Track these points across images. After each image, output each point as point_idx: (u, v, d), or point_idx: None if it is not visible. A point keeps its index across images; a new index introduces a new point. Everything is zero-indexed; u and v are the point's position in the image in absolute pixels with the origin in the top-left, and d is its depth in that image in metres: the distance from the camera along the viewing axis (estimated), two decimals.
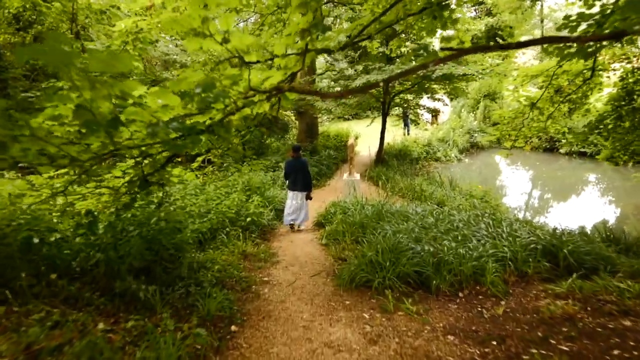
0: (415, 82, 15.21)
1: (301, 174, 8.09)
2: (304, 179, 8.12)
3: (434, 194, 11.24)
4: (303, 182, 8.11)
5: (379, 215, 7.58)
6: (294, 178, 8.12)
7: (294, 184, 8.12)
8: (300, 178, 8.09)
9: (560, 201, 16.01)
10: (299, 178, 8.10)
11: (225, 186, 8.41)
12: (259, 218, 7.80)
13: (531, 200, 16.07)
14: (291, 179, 8.16)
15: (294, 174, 8.11)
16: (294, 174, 8.12)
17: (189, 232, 5.55)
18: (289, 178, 8.20)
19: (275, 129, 16.77)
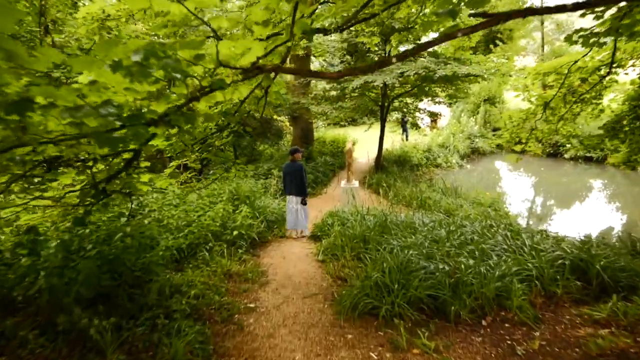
0: (415, 85, 14.47)
1: (295, 178, 7.84)
2: (297, 183, 7.85)
3: (439, 202, 10.44)
4: (297, 186, 7.86)
5: (383, 227, 6.75)
6: (290, 182, 7.92)
7: (290, 188, 7.94)
8: (294, 182, 7.86)
9: (568, 208, 15.24)
10: (294, 182, 7.86)
11: (210, 195, 7.55)
12: (247, 231, 6.94)
13: (538, 208, 15.29)
14: (287, 183, 7.99)
15: (290, 178, 7.90)
16: (289, 177, 7.91)
17: (160, 249, 4.68)
18: (285, 182, 8.04)
19: (269, 134, 15.95)
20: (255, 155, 15.15)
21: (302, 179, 7.84)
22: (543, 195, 17.51)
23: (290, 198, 7.93)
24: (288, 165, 8.02)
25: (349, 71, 2.60)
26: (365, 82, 11.36)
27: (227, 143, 13.09)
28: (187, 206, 6.66)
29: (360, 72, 2.44)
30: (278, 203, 9.25)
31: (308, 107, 13.76)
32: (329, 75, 2.56)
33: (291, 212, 7.96)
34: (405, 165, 17.22)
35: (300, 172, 7.83)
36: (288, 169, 7.97)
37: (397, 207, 9.06)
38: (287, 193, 8.01)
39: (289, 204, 7.96)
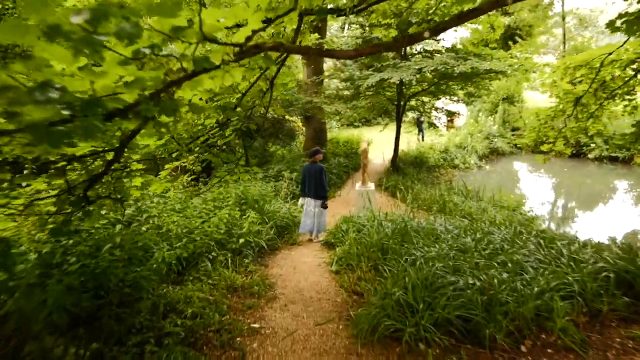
0: (432, 83, 13.85)
1: (315, 180, 7.49)
2: (317, 185, 7.50)
3: (460, 206, 9.80)
4: (317, 188, 7.52)
5: (402, 234, 6.16)
6: (308, 184, 7.58)
7: (308, 190, 7.61)
8: (313, 184, 7.52)
9: (593, 211, 14.44)
10: (312, 184, 7.52)
11: (215, 200, 7.06)
12: (255, 238, 6.43)
13: (564, 210, 14.52)
14: (305, 185, 7.64)
15: (309, 180, 7.57)
16: (308, 179, 7.58)
17: (154, 262, 4.18)
18: (304, 184, 7.68)
19: (280, 135, 15.46)
20: (267, 156, 14.67)
21: (322, 181, 7.51)
22: (568, 197, 16.69)
23: (309, 200, 7.61)
24: (308, 166, 7.66)
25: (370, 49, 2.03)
26: (381, 79, 10.79)
27: (234, 143, 12.60)
28: (190, 212, 6.16)
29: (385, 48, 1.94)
30: (289, 207, 8.72)
31: (321, 106, 13.22)
32: (345, 53, 2.02)
33: (308, 215, 7.65)
34: (422, 167, 16.57)
35: (321, 174, 7.50)
36: (308, 170, 7.60)
37: (416, 211, 8.45)
38: (305, 195, 7.68)
39: (307, 206, 7.64)
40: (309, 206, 7.63)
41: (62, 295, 3.06)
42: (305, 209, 7.71)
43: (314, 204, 7.59)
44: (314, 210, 7.61)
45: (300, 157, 13.47)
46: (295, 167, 11.84)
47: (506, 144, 22.20)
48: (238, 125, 4.27)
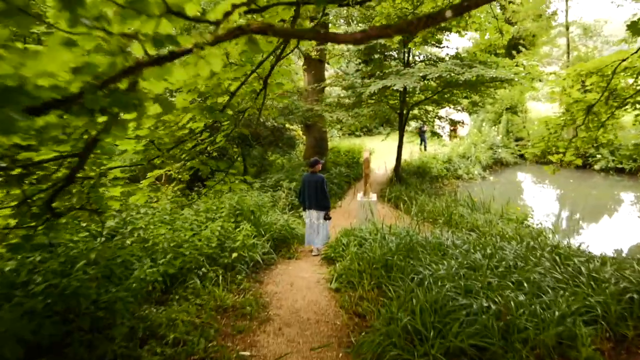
0: (436, 91, 13.50)
1: (316, 191, 7.14)
2: (317, 197, 7.16)
3: (466, 218, 9.38)
4: (318, 200, 7.17)
5: (408, 249, 5.75)
6: (309, 195, 7.23)
7: (309, 201, 7.25)
8: (313, 195, 7.16)
9: (601, 223, 13.99)
10: (313, 195, 7.17)
11: (209, 211, 6.64)
12: (249, 252, 6.02)
13: (570, 222, 14.07)
14: (306, 196, 7.28)
15: (308, 190, 7.22)
16: (308, 190, 7.23)
17: (134, 280, 3.77)
18: (304, 195, 7.32)
19: (280, 143, 15.08)
20: (266, 165, 14.29)
21: (323, 192, 7.16)
22: (573, 208, 16.24)
23: (310, 213, 7.27)
24: (308, 176, 7.31)
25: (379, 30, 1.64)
26: (384, 86, 10.43)
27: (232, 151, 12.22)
28: (180, 224, 5.76)
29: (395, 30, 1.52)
30: (287, 219, 8.31)
31: (322, 114, 12.85)
32: (349, 37, 1.63)
33: (311, 227, 7.34)
34: (425, 177, 16.17)
35: (322, 185, 7.16)
36: (308, 180, 7.25)
37: (421, 223, 8.03)
38: (306, 207, 7.33)
39: (308, 219, 7.33)
40: (311, 218, 7.31)
41: (18, 322, 2.64)
42: (308, 222, 7.40)
43: (317, 216, 7.26)
44: (316, 222, 7.29)
45: (300, 167, 13.09)
46: (294, 177, 11.46)
47: (510, 155, 21.81)
48: (229, 130, 3.89)
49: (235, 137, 12.27)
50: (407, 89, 12.94)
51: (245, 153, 13.59)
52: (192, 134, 3.88)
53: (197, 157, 3.94)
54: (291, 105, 13.07)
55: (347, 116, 11.86)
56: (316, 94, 14.18)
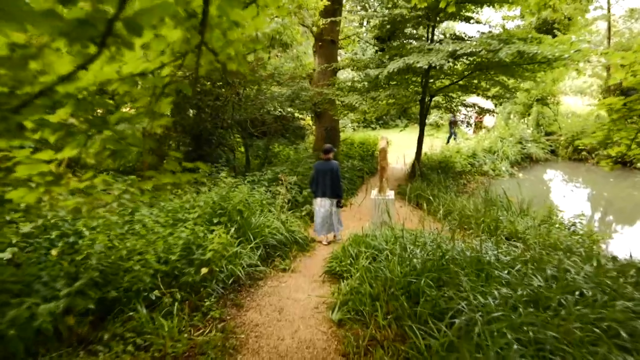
0: (462, 75, 11.85)
1: (330, 179, 6.96)
2: (332, 184, 6.97)
3: (503, 222, 7.79)
4: (332, 187, 6.98)
5: (439, 268, 4.24)
6: (322, 183, 7.01)
7: (322, 189, 7.03)
8: (328, 183, 6.97)
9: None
10: (327, 183, 6.97)
11: (178, 210, 5.19)
12: (229, 265, 4.58)
13: (619, 228, 12.35)
14: (319, 184, 7.06)
15: (322, 178, 7.01)
16: (321, 178, 7.02)
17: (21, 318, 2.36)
18: (317, 183, 7.09)
19: (287, 133, 13.63)
20: (270, 157, 12.84)
21: (337, 179, 7.02)
22: (619, 212, 14.45)
23: (323, 201, 7.03)
24: (321, 163, 7.13)
25: None
26: (405, 65, 8.85)
27: (233, 141, 10.79)
28: (141, 228, 4.34)
29: None
30: (286, 219, 6.85)
31: (333, 97, 11.28)
32: None
33: (322, 216, 7.06)
34: (448, 173, 14.52)
35: (336, 172, 7.00)
36: (321, 168, 7.04)
37: (453, 230, 6.50)
38: (318, 195, 7.10)
39: (320, 207, 7.06)
40: (322, 207, 7.03)
41: None
42: (317, 210, 7.12)
43: (330, 204, 7.03)
44: (330, 209, 7.05)
45: (307, 159, 11.60)
46: (298, 170, 9.98)
47: (540, 150, 19.97)
48: (173, 97, 2.44)
49: (234, 125, 10.86)
50: (431, 71, 11.41)
51: (247, 144, 12.16)
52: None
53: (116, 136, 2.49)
54: (297, 89, 11.56)
55: (362, 101, 10.29)
56: (327, 77, 12.63)
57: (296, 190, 8.99)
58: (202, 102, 9.64)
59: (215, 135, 9.89)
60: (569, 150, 20.42)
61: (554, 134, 21.28)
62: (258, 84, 11.70)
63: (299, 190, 9.13)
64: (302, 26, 12.20)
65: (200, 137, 9.82)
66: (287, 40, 8.92)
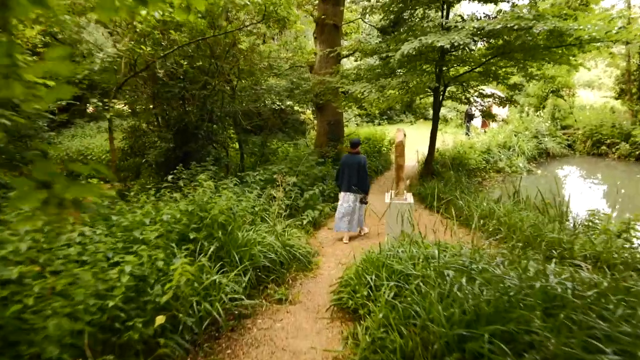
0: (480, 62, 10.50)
1: (356, 173, 6.82)
2: (359, 179, 6.82)
3: (542, 230, 6.49)
4: (357, 182, 6.81)
5: (501, 308, 2.94)
6: (348, 177, 6.86)
7: (348, 184, 6.86)
8: (354, 177, 6.82)
9: None
10: (353, 177, 6.82)
11: (137, 226, 3.88)
12: (199, 305, 3.29)
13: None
14: (344, 178, 6.90)
15: (348, 172, 6.87)
16: (347, 171, 6.88)
17: None
18: (342, 177, 6.95)
19: (285, 128, 12.32)
20: (267, 154, 11.52)
21: (364, 174, 6.88)
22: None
23: (347, 196, 6.85)
24: (348, 157, 7.01)
25: None
26: (422, 45, 7.54)
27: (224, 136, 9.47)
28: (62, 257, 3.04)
29: None
30: (282, 231, 5.55)
31: (337, 86, 9.93)
32: None
33: (344, 212, 6.84)
34: (462, 170, 13.19)
35: (363, 166, 6.87)
36: (348, 161, 6.92)
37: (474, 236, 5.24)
38: (343, 190, 6.93)
39: (343, 202, 6.87)
40: (345, 201, 6.84)
41: None
42: (340, 205, 6.90)
43: (354, 199, 6.84)
44: (353, 205, 6.83)
45: (308, 156, 10.29)
46: (299, 169, 8.68)
47: (557, 144, 18.65)
48: None
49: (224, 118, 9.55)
50: (445, 57, 10.10)
51: (242, 139, 10.85)
52: None
53: None
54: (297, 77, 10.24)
55: (371, 89, 8.94)
56: (330, 65, 11.28)
57: (296, 193, 7.70)
58: (187, 91, 8.32)
59: (202, 130, 8.57)
60: (587, 144, 19.10)
61: (569, 128, 19.96)
62: (253, 74, 10.40)
63: (300, 193, 7.83)
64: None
65: (185, 132, 8.51)
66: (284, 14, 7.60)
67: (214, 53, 8.23)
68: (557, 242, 6.18)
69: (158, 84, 8.04)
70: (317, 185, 8.51)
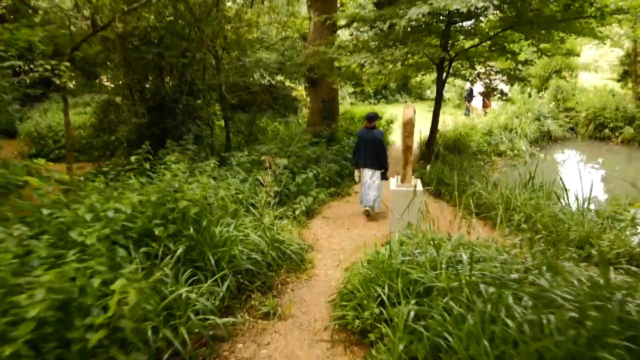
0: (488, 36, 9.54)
1: (372, 148, 6.50)
2: (376, 154, 6.50)
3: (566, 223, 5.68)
4: (376, 157, 6.50)
5: (573, 350, 2.11)
6: (364, 153, 6.58)
7: (364, 159, 6.59)
8: (371, 153, 6.51)
9: None
10: (370, 153, 6.52)
11: (78, 224, 2.90)
12: (157, 332, 2.41)
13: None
14: (361, 154, 6.64)
15: (364, 147, 6.57)
16: (364, 147, 6.58)
17: None
18: (359, 153, 6.69)
19: (276, 105, 11.30)
20: (255, 133, 10.54)
21: (383, 149, 6.59)
22: None
23: (365, 171, 6.61)
24: (364, 132, 6.71)
25: None
26: (433, 9, 6.56)
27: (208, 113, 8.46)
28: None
29: None
30: (270, 224, 4.65)
31: (334, 57, 8.84)
32: None
33: (372, 188, 6.60)
34: (463, 153, 12.35)
35: (380, 141, 6.57)
36: (365, 136, 6.63)
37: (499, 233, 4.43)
38: (360, 166, 6.70)
39: (366, 178, 6.63)
40: (368, 178, 6.57)
41: None
42: (364, 181, 6.66)
43: (371, 175, 6.55)
44: (373, 180, 6.57)
45: (301, 135, 9.34)
46: (290, 150, 7.75)
47: (559, 127, 17.88)
48: None
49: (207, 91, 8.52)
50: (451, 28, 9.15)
51: (227, 117, 9.83)
52: None
53: None
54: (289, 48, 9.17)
55: (373, 60, 7.94)
56: (325, 35, 10.25)
57: (287, 177, 6.79)
58: (163, 58, 7.27)
59: (181, 104, 7.55)
60: (589, 127, 18.35)
61: (571, 110, 19.17)
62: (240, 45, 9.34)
63: (291, 177, 6.93)
64: None
65: (162, 107, 7.50)
66: None
67: (194, 14, 7.15)
68: (586, 237, 5.41)
69: (128, 49, 6.98)
70: (311, 168, 7.61)
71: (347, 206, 7.44)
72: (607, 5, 7.95)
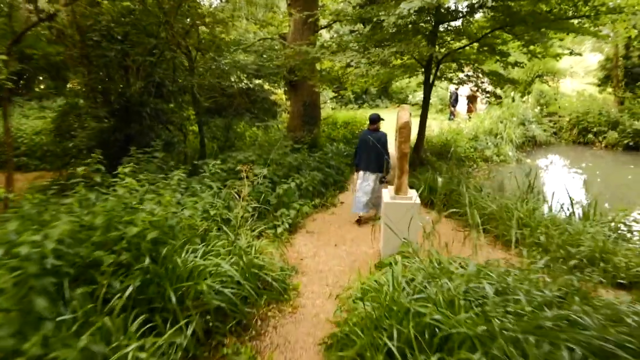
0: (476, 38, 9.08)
1: (374, 151, 6.16)
2: (378, 157, 6.17)
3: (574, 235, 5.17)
4: (378, 161, 6.19)
5: None
6: (367, 155, 6.31)
7: (367, 162, 6.34)
8: (374, 156, 6.22)
9: None
10: (372, 156, 6.24)
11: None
12: None
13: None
14: (363, 157, 6.38)
15: (367, 149, 6.26)
16: (366, 149, 6.28)
17: None
18: (361, 155, 6.44)
19: (254, 109, 10.60)
20: (231, 139, 9.80)
21: (382, 151, 6.19)
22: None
23: (366, 175, 6.38)
24: (366, 134, 6.41)
25: None
26: (425, 3, 6.02)
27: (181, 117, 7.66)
28: None
29: None
30: (247, 245, 3.96)
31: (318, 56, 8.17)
32: None
33: (364, 192, 6.36)
34: (450, 158, 11.87)
35: (384, 144, 6.21)
36: (367, 138, 6.30)
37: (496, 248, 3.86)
38: (362, 169, 6.45)
39: (364, 182, 6.40)
40: (365, 181, 6.39)
41: None
42: (359, 184, 6.47)
43: (374, 178, 6.35)
44: (373, 185, 6.36)
45: (280, 141, 8.67)
46: (270, 157, 7.05)
47: (543, 132, 17.69)
48: None
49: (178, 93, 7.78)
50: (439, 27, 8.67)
51: (202, 121, 9.07)
52: None
53: None
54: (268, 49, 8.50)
55: (360, 59, 7.33)
56: (306, 35, 9.63)
57: (266, 187, 6.10)
58: (128, 56, 6.52)
59: (148, 107, 6.79)
60: (573, 132, 18.23)
61: (554, 115, 19.04)
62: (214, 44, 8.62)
63: (271, 187, 6.25)
64: None
65: (127, 110, 6.73)
66: None
67: (162, 5, 6.41)
68: (599, 253, 4.90)
69: (88, 45, 6.21)
70: (293, 177, 6.94)
71: (332, 218, 6.80)
72: (603, 4, 7.58)
